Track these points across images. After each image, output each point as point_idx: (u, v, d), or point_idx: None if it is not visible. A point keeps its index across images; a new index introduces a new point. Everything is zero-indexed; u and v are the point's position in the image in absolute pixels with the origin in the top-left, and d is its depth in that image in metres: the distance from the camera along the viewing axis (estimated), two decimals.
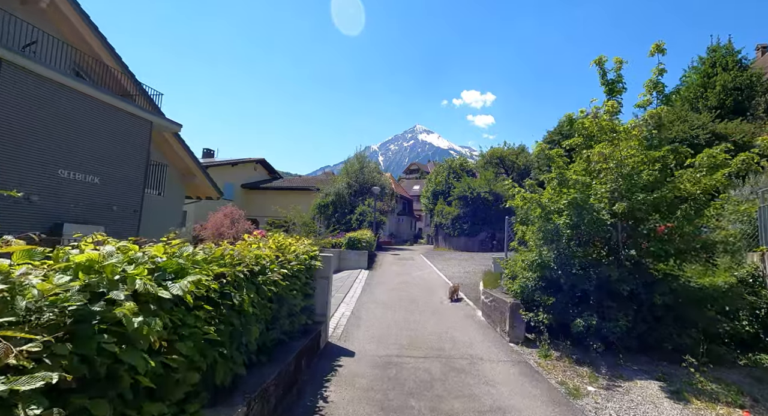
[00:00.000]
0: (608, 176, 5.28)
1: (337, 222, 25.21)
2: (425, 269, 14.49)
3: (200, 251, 2.58)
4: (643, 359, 5.11)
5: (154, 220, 15.10)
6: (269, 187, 32.51)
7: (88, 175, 10.76)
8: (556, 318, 5.40)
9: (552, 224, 5.58)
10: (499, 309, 6.28)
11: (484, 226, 23.38)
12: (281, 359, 3.58)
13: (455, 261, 17.32)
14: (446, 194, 26.74)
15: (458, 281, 11.64)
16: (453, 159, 29.53)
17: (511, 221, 8.63)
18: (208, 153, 35.26)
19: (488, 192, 23.28)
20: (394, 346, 5.44)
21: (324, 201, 25.90)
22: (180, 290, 1.86)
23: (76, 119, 10.28)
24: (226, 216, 24.53)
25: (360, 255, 14.01)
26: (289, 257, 3.99)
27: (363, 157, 27.41)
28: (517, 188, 6.29)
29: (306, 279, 4.81)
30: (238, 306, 2.69)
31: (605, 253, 5.65)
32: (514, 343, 5.69)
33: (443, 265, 15.53)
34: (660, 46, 5.37)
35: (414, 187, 60.56)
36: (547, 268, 5.53)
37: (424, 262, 16.91)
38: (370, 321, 6.80)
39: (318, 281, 5.38)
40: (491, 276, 8.39)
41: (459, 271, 13.77)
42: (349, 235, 14.59)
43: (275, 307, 3.58)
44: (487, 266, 14.81)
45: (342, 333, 6.03)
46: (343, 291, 9.30)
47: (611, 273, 4.97)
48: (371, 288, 10.19)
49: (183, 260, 2.14)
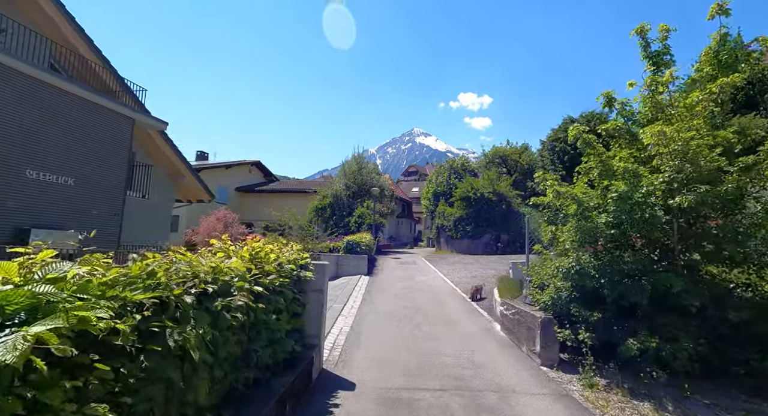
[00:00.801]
0: (668, 163, 4.31)
1: (335, 226, 24.24)
2: (429, 274, 13.53)
3: (109, 268, 1.63)
4: (707, 387, 4.16)
5: (140, 225, 14.10)
6: (265, 189, 31.52)
7: (60, 176, 9.79)
8: (599, 336, 4.45)
9: (591, 222, 4.64)
10: (525, 324, 5.33)
11: (488, 228, 22.45)
12: (254, 412, 2.59)
13: (460, 265, 16.37)
14: (448, 195, 25.82)
15: (467, 286, 10.68)
16: (454, 159, 28.64)
17: (521, 221, 7.76)
18: (202, 155, 34.28)
19: (492, 192, 22.36)
20: (402, 374, 4.47)
21: (321, 203, 24.95)
22: None
23: (49, 116, 9.34)
24: (218, 220, 23.57)
25: (359, 260, 13.04)
26: (267, 269, 3.03)
27: (361, 157, 26.50)
28: (550, 180, 5.33)
29: (294, 294, 3.85)
30: (177, 348, 1.74)
31: (656, 258, 4.71)
32: (548, 367, 4.73)
33: (448, 269, 14.57)
34: (723, 7, 4.46)
35: (413, 189, 59.70)
36: (586, 277, 4.57)
37: (427, 266, 15.96)
38: (373, 339, 5.83)
39: (310, 295, 4.41)
40: (509, 283, 7.44)
41: (465, 276, 12.82)
42: (348, 239, 13.63)
43: (246, 339, 2.62)
44: (495, 270, 13.89)
45: (340, 356, 5.06)
46: (341, 301, 8.33)
47: (672, 284, 4.03)
48: (372, 296, 9.22)
49: (47, 288, 1.19)
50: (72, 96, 9.92)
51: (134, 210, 13.32)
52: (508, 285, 7.50)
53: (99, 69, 12.46)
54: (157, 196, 15.74)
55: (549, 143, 24.63)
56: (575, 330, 4.58)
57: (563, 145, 23.51)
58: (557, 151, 23.92)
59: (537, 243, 6.37)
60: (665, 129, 4.25)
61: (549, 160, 24.37)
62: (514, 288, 7.08)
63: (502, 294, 7.34)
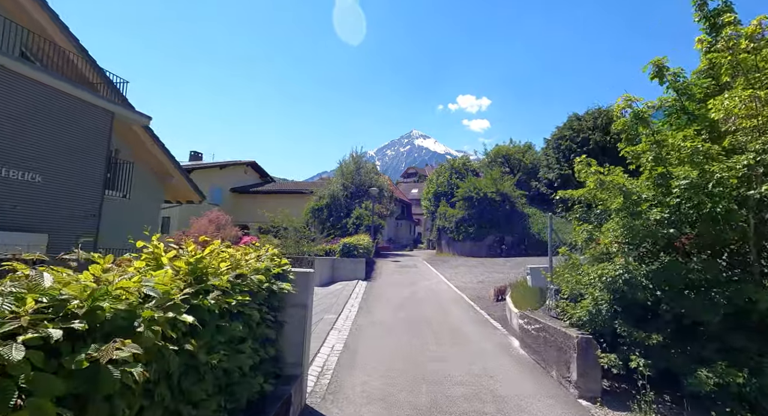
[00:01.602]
0: (756, 140, 3.34)
1: (332, 227, 23.30)
2: (431, 278, 12.60)
3: None
4: None
5: (122, 227, 13.15)
6: (260, 190, 30.59)
7: (27, 173, 8.86)
8: (655, 363, 3.53)
9: (641, 219, 3.73)
10: (554, 344, 4.40)
11: (492, 229, 21.53)
12: None
13: (464, 268, 15.44)
14: (449, 195, 24.92)
15: (474, 292, 9.77)
16: (454, 159, 27.74)
17: (526, 221, 6.92)
18: (196, 156, 33.34)
19: (495, 192, 21.46)
20: (408, 409, 3.54)
21: (318, 204, 24.01)
22: None
23: (15, 107, 8.44)
24: (211, 221, 22.56)
25: (356, 264, 12.10)
26: (215, 284, 2.10)
27: (359, 157, 25.59)
28: (594, 167, 4.37)
29: (265, 313, 2.92)
30: None
31: (726, 264, 3.78)
32: (589, 400, 3.79)
33: (451, 273, 13.64)
34: None
35: (412, 191, 58.86)
36: (638, 287, 3.64)
37: (428, 270, 15.03)
38: (371, 361, 4.89)
39: (289, 312, 3.47)
40: (526, 291, 6.51)
41: (471, 280, 11.89)
42: (344, 241, 12.69)
43: (168, 394, 1.69)
44: (503, 274, 12.96)
45: (329, 385, 4.11)
46: (335, 311, 7.39)
47: (757, 298, 3.12)
48: (370, 305, 8.28)
49: None
50: (45, 87, 9.01)
51: (115, 211, 12.38)
52: (525, 293, 6.57)
53: (76, 59, 11.55)
54: (144, 196, 14.80)
55: (554, 141, 23.78)
56: (623, 355, 3.65)
57: (569, 143, 22.66)
58: (563, 149, 23.05)
59: (561, 246, 5.46)
60: (759, 93, 3.28)
61: (554, 159, 23.50)
62: (533, 298, 6.15)
63: (518, 304, 6.41)
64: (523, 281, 8.15)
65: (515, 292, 6.99)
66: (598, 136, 21.73)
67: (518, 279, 8.49)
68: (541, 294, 5.81)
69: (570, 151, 22.55)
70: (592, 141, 21.79)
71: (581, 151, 22.23)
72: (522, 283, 7.49)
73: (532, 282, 5.97)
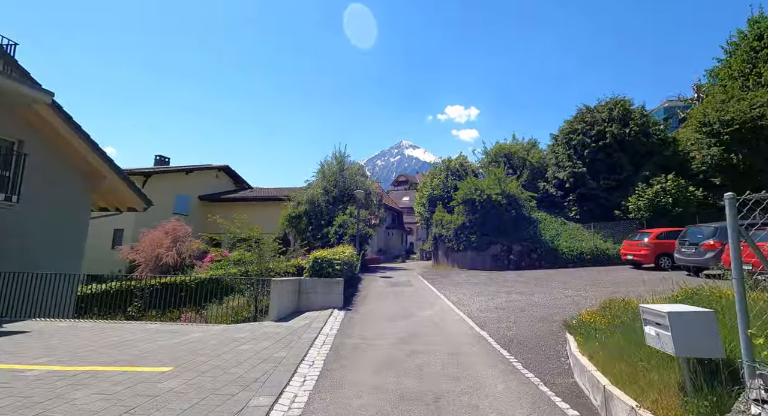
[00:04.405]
0: None
1: (313, 237, 20.02)
2: (433, 303, 9.42)
3: None
4: None
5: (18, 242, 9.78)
6: (233, 198, 27.19)
7: None
8: None
9: None
10: None
11: (497, 237, 18.50)
12: None
13: (470, 286, 12.31)
14: (446, 199, 21.89)
15: (498, 329, 6.64)
16: (450, 159, 24.82)
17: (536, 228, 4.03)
18: (162, 160, 29.85)
19: (501, 194, 18.49)
20: None
21: (295, 211, 20.73)
22: None
23: None
24: (167, 233, 19.00)
25: (331, 287, 8.86)
26: None
27: (343, 157, 22.47)
28: None
29: None
30: None
31: None
32: None
33: (458, 295, 10.48)
34: None
35: (403, 199, 56.02)
36: None
37: (427, 290, 11.85)
38: None
39: None
40: (632, 349, 3.40)
41: (487, 306, 8.75)
42: (316, 255, 9.46)
43: None
44: (522, 295, 9.83)
45: None
46: (277, 383, 4.17)
47: None
48: (342, 365, 5.06)
49: None
50: None
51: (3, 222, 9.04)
52: (629, 352, 3.46)
53: None
54: (60, 202, 11.44)
55: (564, 136, 21.01)
56: None
57: (582, 138, 19.90)
58: (574, 144, 20.28)
59: None
60: None
61: (565, 156, 20.70)
62: (655, 369, 3.06)
63: (619, 379, 3.27)
64: (591, 316, 5.05)
65: (605, 354, 3.85)
66: (615, 129, 19.02)
67: (551, 303, 5.40)
68: (690, 368, 2.70)
69: (583, 147, 19.81)
70: (609, 134, 19.07)
71: (596, 147, 19.48)
72: (597, 321, 4.44)
73: (661, 340, 2.86)
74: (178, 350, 5.49)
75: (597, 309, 5.74)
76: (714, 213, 16.67)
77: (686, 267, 11.97)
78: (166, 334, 6.75)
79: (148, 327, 7.54)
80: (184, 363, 4.76)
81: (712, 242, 10.60)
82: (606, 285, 10.91)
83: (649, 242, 13.57)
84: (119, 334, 6.69)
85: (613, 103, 20.08)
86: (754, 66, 19.46)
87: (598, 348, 3.91)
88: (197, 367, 4.59)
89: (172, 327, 7.74)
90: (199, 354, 5.20)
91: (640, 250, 13.79)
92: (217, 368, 4.58)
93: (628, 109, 19.91)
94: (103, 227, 21.83)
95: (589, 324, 4.93)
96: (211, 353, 5.29)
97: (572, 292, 9.93)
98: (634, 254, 14.03)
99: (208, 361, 4.87)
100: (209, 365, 4.70)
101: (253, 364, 4.77)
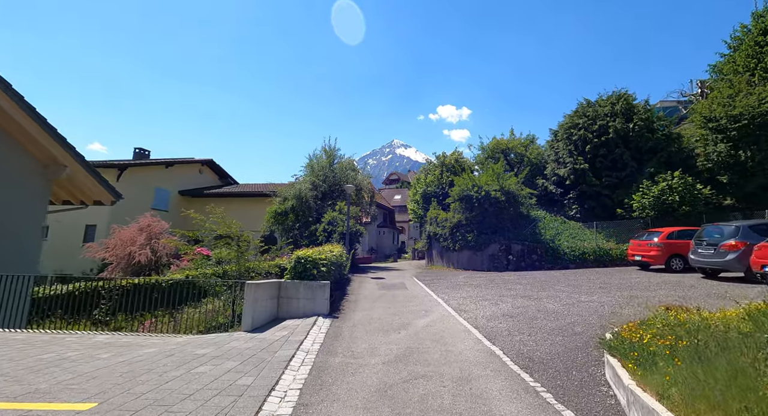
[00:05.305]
0: None
1: (300, 235, 18.83)
2: (431, 310, 8.36)
3: None
4: None
5: None
6: (217, 193, 25.74)
7: None
8: None
9: None
10: None
11: (495, 236, 17.54)
12: None
13: (470, 288, 11.28)
14: (441, 196, 20.89)
15: (511, 343, 5.61)
16: (445, 154, 23.80)
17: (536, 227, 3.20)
18: (141, 153, 28.23)
19: (499, 190, 17.52)
20: None
21: (281, 207, 19.49)
22: None
23: None
24: (141, 230, 17.50)
25: (315, 291, 7.73)
26: None
27: (334, 150, 21.28)
28: None
29: None
30: None
31: None
32: None
33: (458, 299, 9.45)
34: None
35: (395, 197, 54.96)
36: None
37: (423, 293, 10.78)
38: None
39: None
40: (714, 382, 2.41)
41: (494, 313, 7.71)
42: (299, 254, 8.32)
43: None
44: (529, 299, 8.84)
45: None
46: None
47: None
48: (325, 393, 3.98)
49: None
50: None
51: None
52: (732, 402, 2.42)
53: None
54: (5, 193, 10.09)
55: (564, 131, 20.14)
56: None
57: (583, 133, 19.03)
58: (575, 139, 19.41)
59: None
60: None
61: (565, 152, 19.83)
62: None
63: None
64: (635, 331, 4.05)
65: (655, 375, 2.83)
66: (618, 123, 18.19)
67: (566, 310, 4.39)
68: None
69: (585, 142, 18.96)
70: (612, 129, 18.23)
71: (598, 142, 18.63)
72: (648, 340, 3.42)
73: None
74: (116, 374, 4.32)
75: (637, 322, 4.71)
76: (722, 213, 15.91)
77: (701, 269, 11.12)
78: (114, 349, 5.57)
79: (97, 340, 6.34)
80: (114, 397, 3.60)
81: (734, 242, 9.73)
82: (619, 288, 9.99)
83: (659, 242, 12.70)
84: (57, 350, 5.48)
85: (615, 97, 19.27)
86: (760, 60, 18.83)
87: (670, 385, 2.86)
88: (128, 404, 3.43)
89: (125, 339, 6.54)
90: (140, 382, 4.04)
91: (649, 251, 12.92)
92: (157, 404, 3.44)
93: (631, 103, 19.13)
94: (73, 222, 20.38)
95: (635, 342, 3.90)
96: (156, 379, 4.13)
97: (585, 297, 8.95)
98: (642, 255, 13.16)
99: (147, 393, 3.71)
100: (146, 399, 3.55)
101: (205, 398, 3.63)
